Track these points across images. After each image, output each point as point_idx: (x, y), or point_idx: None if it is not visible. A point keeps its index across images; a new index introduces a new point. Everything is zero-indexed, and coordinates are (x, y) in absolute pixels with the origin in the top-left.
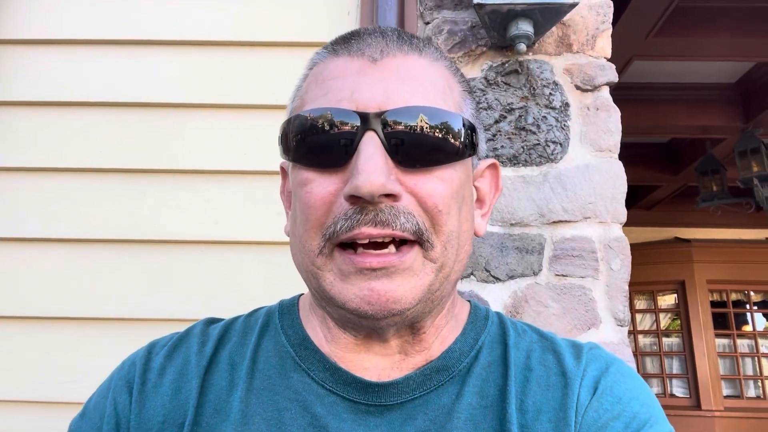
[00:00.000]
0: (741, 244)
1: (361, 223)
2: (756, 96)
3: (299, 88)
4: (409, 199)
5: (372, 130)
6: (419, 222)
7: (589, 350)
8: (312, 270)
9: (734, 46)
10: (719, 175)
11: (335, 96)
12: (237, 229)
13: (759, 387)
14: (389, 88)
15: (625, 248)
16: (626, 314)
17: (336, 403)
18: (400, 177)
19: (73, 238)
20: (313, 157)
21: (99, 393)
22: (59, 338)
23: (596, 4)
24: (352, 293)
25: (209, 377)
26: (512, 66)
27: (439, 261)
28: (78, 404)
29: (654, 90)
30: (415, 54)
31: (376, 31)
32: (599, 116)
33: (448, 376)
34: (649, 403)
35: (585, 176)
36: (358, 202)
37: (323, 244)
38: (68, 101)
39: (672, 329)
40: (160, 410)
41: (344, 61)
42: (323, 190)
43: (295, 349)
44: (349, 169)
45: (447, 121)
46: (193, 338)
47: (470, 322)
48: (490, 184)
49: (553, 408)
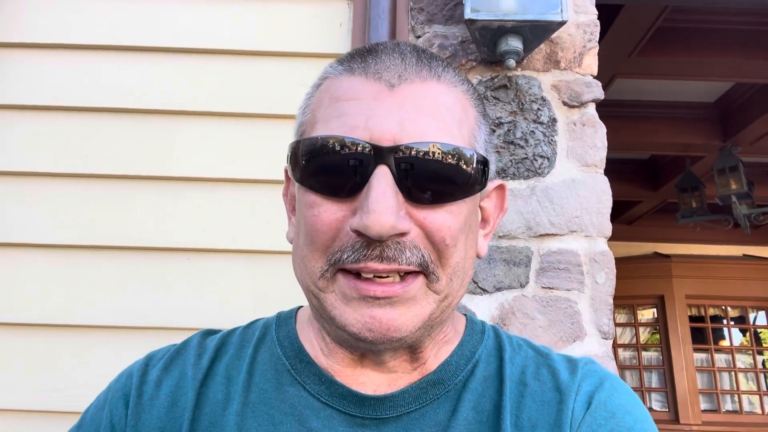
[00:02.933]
0: (719, 260)
1: (368, 258)
2: (735, 115)
3: (309, 98)
4: (417, 231)
5: (384, 164)
6: (424, 255)
7: (584, 365)
8: (313, 290)
9: (714, 66)
10: (698, 192)
11: (349, 121)
12: (225, 238)
13: (735, 401)
14: (405, 118)
15: (609, 262)
16: (611, 327)
17: (332, 416)
18: (409, 210)
19: (59, 244)
20: (321, 181)
21: (96, 404)
22: (43, 346)
23: (584, 22)
24: (354, 318)
25: (205, 390)
26: (501, 81)
27: (443, 293)
28: (62, 413)
29: (636, 107)
30: (434, 80)
31: (395, 51)
32: (585, 132)
33: (443, 390)
34: (643, 419)
35: (571, 190)
36: (365, 236)
37: (326, 267)
38: (57, 106)
39: (651, 343)
40: (155, 423)
41: (360, 82)
42: (330, 216)
43: (291, 362)
44: (358, 200)
45: (460, 157)
46: (190, 350)
47: (467, 335)
48: (495, 204)
49: (548, 423)
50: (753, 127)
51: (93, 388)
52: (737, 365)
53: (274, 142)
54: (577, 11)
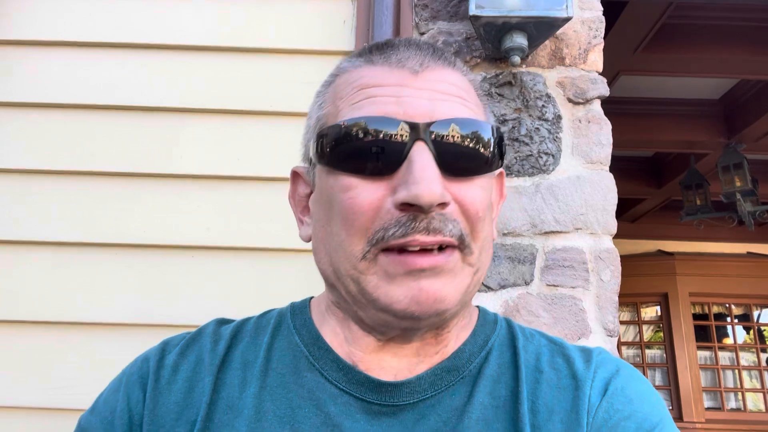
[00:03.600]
0: (723, 258)
1: (415, 230)
2: (739, 112)
3: (324, 93)
4: (454, 206)
5: (421, 140)
6: (462, 229)
7: (599, 354)
8: (353, 274)
9: (719, 63)
10: (702, 190)
11: (381, 103)
12: (228, 235)
13: (739, 399)
14: (434, 98)
15: (615, 260)
16: (616, 325)
17: (349, 402)
18: (445, 184)
19: (63, 242)
20: (357, 162)
21: (110, 389)
22: (47, 343)
23: (589, 19)
24: (401, 293)
25: (222, 375)
26: (506, 78)
27: (476, 265)
28: (64, 410)
29: (640, 104)
30: (450, 67)
31: (411, 44)
32: (591, 129)
33: (458, 376)
34: (659, 406)
35: (576, 188)
36: (411, 209)
37: (368, 249)
38: (59, 103)
39: (654, 341)
40: (173, 407)
41: (384, 71)
42: (370, 195)
43: (309, 349)
44: (398, 176)
45: (487, 133)
46: (205, 337)
47: (480, 324)
48: (496, 191)
49: (565, 409)
50: (758, 124)
51: (96, 386)
52: (741, 363)
53: (279, 139)
54: (582, 7)
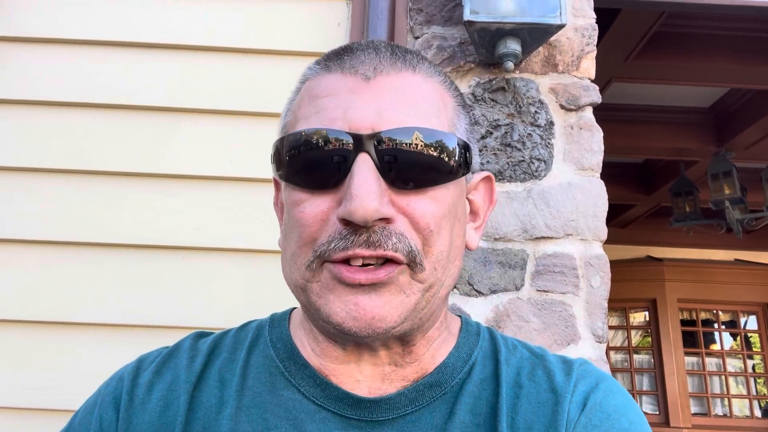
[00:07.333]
0: (711, 265)
1: (355, 244)
2: (729, 121)
3: (291, 102)
4: (402, 220)
5: (365, 152)
6: (411, 243)
7: (580, 366)
8: (300, 283)
9: (710, 71)
10: (692, 197)
11: (328, 115)
12: (218, 236)
13: (726, 405)
14: (382, 107)
15: (605, 266)
16: (605, 331)
17: (327, 419)
18: (392, 197)
19: (51, 241)
20: (305, 176)
21: (85, 408)
22: (35, 343)
23: (582, 26)
24: (338, 307)
25: (198, 394)
26: (499, 83)
27: (427, 282)
28: (53, 411)
29: (631, 111)
30: (409, 71)
31: (369, 47)
32: (582, 135)
33: (440, 392)
34: (638, 421)
35: (568, 194)
36: (351, 225)
37: (313, 259)
38: (50, 101)
39: (642, 346)
40: (147, 427)
41: (337, 78)
42: (316, 209)
43: (284, 364)
44: (342, 190)
45: (440, 141)
46: (182, 353)
47: (463, 336)
48: (484, 197)
49: (544, 425)
50: (747, 132)
51: (85, 386)
52: (728, 369)
53: (271, 140)
54: (575, 15)
